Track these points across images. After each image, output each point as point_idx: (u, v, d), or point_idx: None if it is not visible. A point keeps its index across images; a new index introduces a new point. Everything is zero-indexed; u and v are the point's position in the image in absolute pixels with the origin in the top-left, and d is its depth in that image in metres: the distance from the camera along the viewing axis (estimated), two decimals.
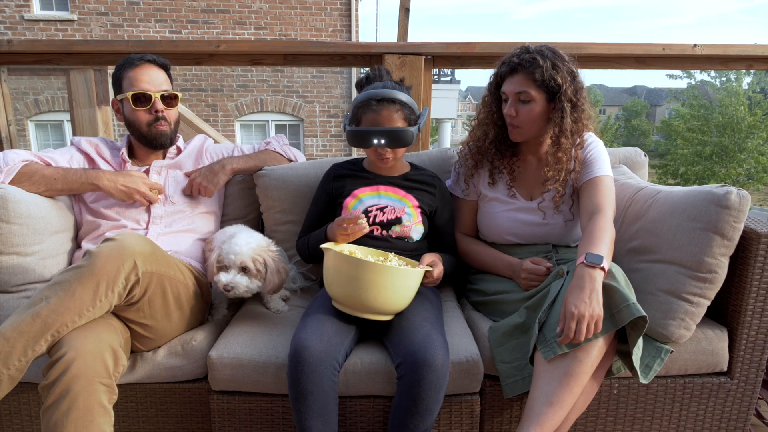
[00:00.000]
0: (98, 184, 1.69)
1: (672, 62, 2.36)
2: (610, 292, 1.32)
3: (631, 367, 1.35)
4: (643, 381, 1.38)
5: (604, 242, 1.44)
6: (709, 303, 1.50)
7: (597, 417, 1.61)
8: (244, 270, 1.52)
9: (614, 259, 1.51)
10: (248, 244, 1.51)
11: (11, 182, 1.62)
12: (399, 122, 1.62)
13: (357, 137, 1.64)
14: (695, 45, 2.25)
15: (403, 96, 1.63)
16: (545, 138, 1.70)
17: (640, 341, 1.34)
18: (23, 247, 1.57)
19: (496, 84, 1.71)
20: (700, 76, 14.98)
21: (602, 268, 1.35)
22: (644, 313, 1.27)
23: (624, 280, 1.37)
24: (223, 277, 1.50)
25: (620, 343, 1.41)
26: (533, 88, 1.60)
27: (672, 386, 1.60)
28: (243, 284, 1.51)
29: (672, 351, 1.46)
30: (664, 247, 1.53)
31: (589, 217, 1.56)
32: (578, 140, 1.65)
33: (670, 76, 15.53)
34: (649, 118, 38.82)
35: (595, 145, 1.70)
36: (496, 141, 1.75)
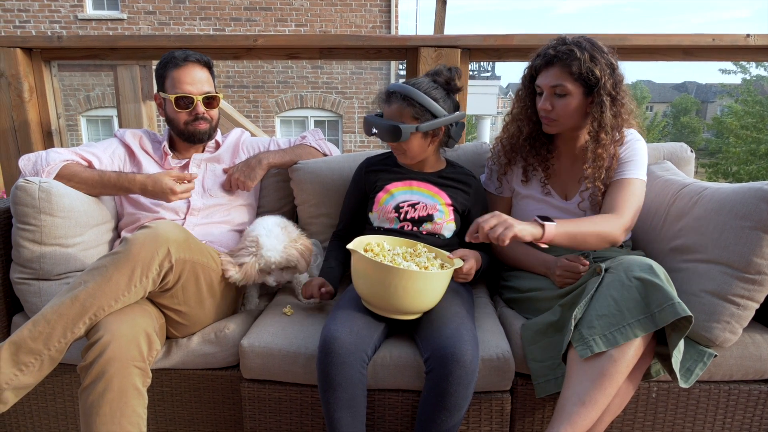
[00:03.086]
0: (132, 189, 1.71)
1: (722, 53, 2.23)
2: (651, 288, 1.26)
3: (671, 371, 1.29)
4: (683, 385, 1.32)
5: (583, 225, 1.44)
6: (757, 306, 1.43)
7: (634, 421, 1.55)
8: (284, 269, 1.68)
9: (656, 258, 1.45)
10: (276, 249, 1.62)
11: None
12: (405, 118, 1.60)
13: (365, 124, 1.69)
14: (748, 35, 2.13)
15: (415, 93, 1.58)
16: (581, 133, 1.65)
17: (681, 343, 1.28)
18: (65, 239, 1.62)
19: (530, 77, 1.65)
20: (755, 70, 14.27)
21: (542, 225, 1.37)
22: (689, 313, 1.21)
23: (665, 278, 1.31)
24: (272, 281, 1.68)
25: (660, 345, 1.35)
26: (570, 82, 1.54)
27: (716, 392, 1.53)
28: (287, 278, 1.71)
29: (716, 355, 1.40)
30: (710, 246, 1.45)
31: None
32: (618, 136, 1.59)
33: (723, 71, 14.79)
34: (700, 115, 37.27)
35: (632, 144, 1.62)
36: (530, 138, 1.71)
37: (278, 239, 1.61)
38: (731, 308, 1.41)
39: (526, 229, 1.34)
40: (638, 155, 1.61)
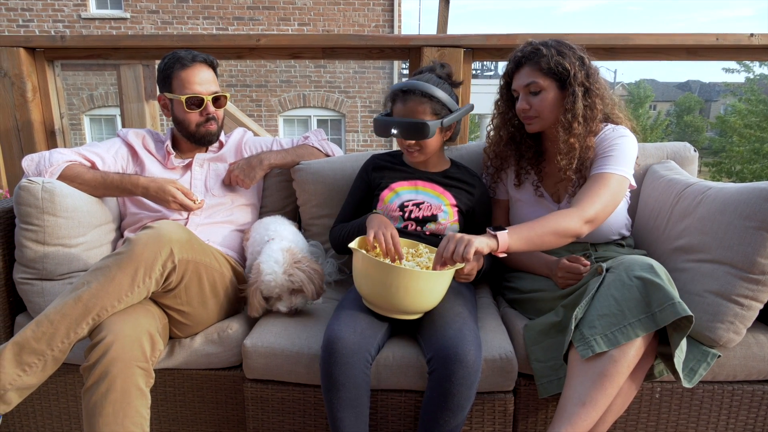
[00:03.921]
0: (135, 192, 1.71)
1: (726, 53, 2.23)
2: (652, 288, 1.25)
3: (673, 371, 1.29)
4: (686, 385, 1.32)
5: (537, 226, 1.41)
6: (761, 306, 1.42)
7: (637, 421, 1.55)
8: (292, 292, 1.60)
9: (659, 258, 1.44)
10: (276, 273, 1.55)
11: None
12: (425, 115, 1.60)
13: (378, 126, 1.66)
14: (752, 35, 2.12)
15: (432, 89, 1.60)
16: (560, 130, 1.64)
17: (684, 343, 1.27)
18: (68, 239, 1.62)
19: (506, 85, 1.69)
20: (759, 69, 14.22)
21: (495, 237, 1.36)
22: (690, 313, 1.20)
23: (666, 277, 1.31)
24: (283, 307, 1.60)
25: (663, 345, 1.34)
26: (541, 77, 1.57)
27: (719, 392, 1.52)
28: (301, 303, 1.63)
29: (719, 356, 1.39)
30: (714, 246, 1.45)
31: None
32: (594, 127, 1.59)
33: (726, 70, 14.76)
34: (703, 114, 37.16)
35: (613, 139, 1.59)
36: (512, 142, 1.73)
37: (278, 263, 1.55)
38: (735, 308, 1.40)
39: (483, 242, 1.34)
40: (617, 150, 1.57)
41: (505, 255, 1.39)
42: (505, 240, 1.36)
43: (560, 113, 1.59)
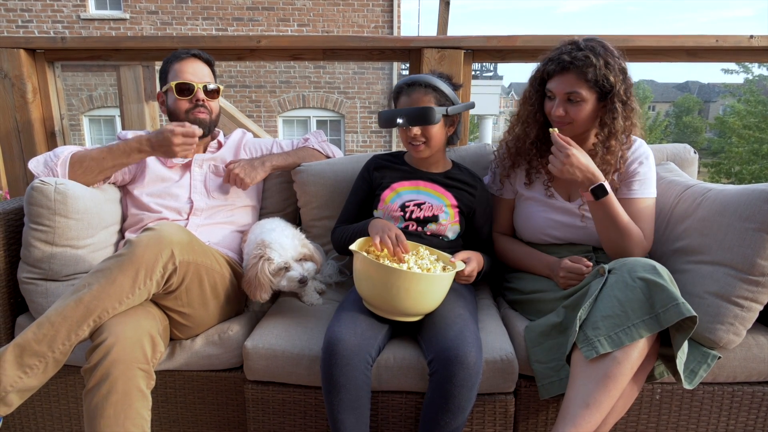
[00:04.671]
0: (142, 148, 1.71)
1: (726, 55, 2.23)
2: (655, 289, 1.26)
3: (675, 372, 1.29)
4: (687, 387, 1.32)
5: (623, 215, 1.49)
6: (761, 308, 1.42)
7: (638, 423, 1.55)
8: (301, 260, 1.59)
9: (659, 259, 1.45)
10: (288, 237, 1.56)
11: (68, 173, 1.68)
12: (430, 103, 1.63)
13: (382, 118, 1.67)
14: (752, 36, 2.13)
15: (435, 81, 1.63)
16: (590, 134, 1.64)
17: (686, 345, 1.28)
18: (77, 241, 1.63)
19: (540, 80, 1.62)
20: (758, 70, 14.24)
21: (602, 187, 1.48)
22: (694, 313, 1.21)
23: (669, 278, 1.31)
24: (296, 272, 1.56)
25: (664, 347, 1.35)
26: (585, 89, 1.52)
27: (719, 394, 1.53)
28: (312, 268, 1.60)
29: (719, 357, 1.39)
30: (714, 247, 1.45)
31: None
32: (626, 140, 1.59)
33: (726, 71, 14.77)
34: (702, 114, 37.22)
35: (644, 156, 1.63)
36: (537, 141, 1.70)
37: (283, 231, 1.58)
38: (735, 310, 1.40)
39: (587, 177, 1.48)
40: (653, 170, 1.64)
41: (589, 200, 1.51)
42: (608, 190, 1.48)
43: (592, 123, 1.59)
